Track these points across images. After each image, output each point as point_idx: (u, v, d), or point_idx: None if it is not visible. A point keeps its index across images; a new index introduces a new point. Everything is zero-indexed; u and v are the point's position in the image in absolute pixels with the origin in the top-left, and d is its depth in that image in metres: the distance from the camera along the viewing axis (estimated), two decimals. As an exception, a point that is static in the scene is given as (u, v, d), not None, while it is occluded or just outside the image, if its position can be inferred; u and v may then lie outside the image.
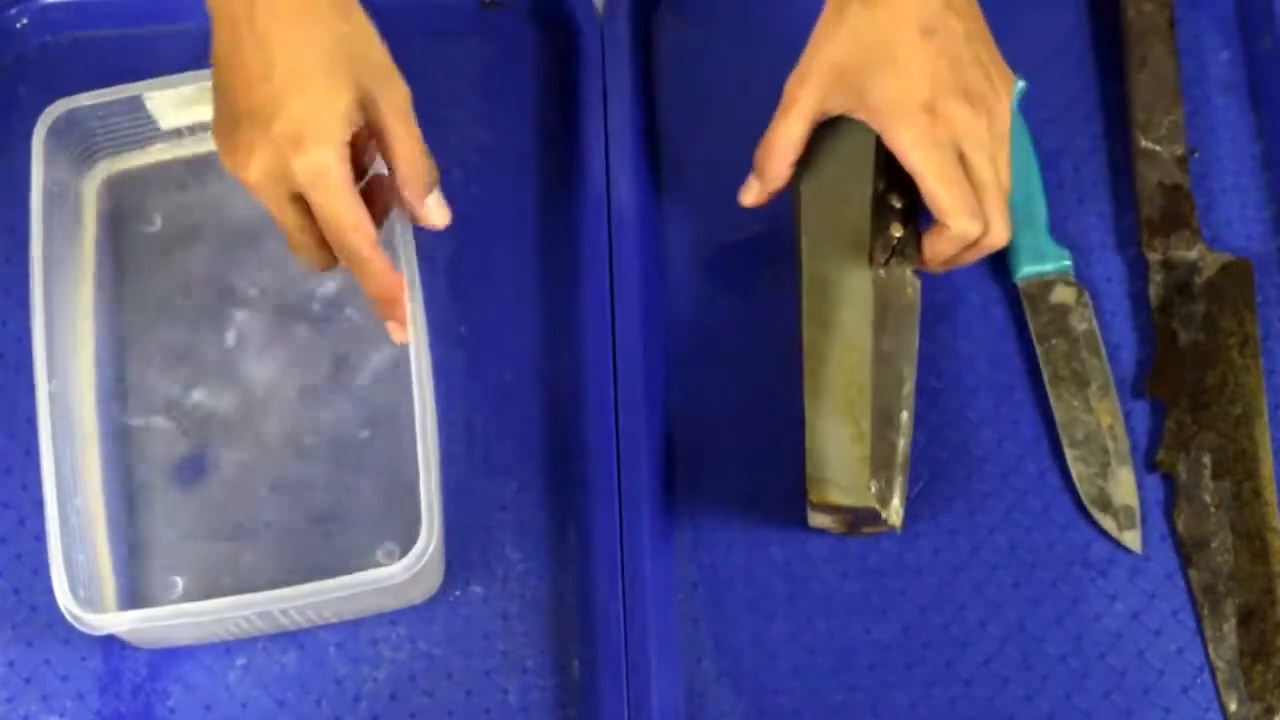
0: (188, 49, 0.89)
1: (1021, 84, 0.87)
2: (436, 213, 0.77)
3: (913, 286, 0.78)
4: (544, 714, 0.77)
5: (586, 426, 0.81)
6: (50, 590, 0.80)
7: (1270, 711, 0.76)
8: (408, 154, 0.74)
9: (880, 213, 0.77)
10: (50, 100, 0.86)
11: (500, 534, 0.81)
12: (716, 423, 0.83)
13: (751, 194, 0.79)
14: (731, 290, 0.86)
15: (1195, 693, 0.77)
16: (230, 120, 0.72)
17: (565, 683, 0.78)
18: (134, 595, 0.80)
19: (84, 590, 0.76)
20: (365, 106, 0.72)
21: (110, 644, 0.79)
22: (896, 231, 0.77)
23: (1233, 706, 0.76)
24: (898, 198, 0.77)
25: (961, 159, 0.74)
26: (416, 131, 0.74)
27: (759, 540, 0.80)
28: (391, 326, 0.78)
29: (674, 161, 0.89)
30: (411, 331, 0.77)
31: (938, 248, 0.76)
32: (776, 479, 0.80)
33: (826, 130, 0.77)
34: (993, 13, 0.88)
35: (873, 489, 0.74)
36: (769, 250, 0.83)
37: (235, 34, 0.71)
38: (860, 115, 0.75)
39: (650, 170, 0.88)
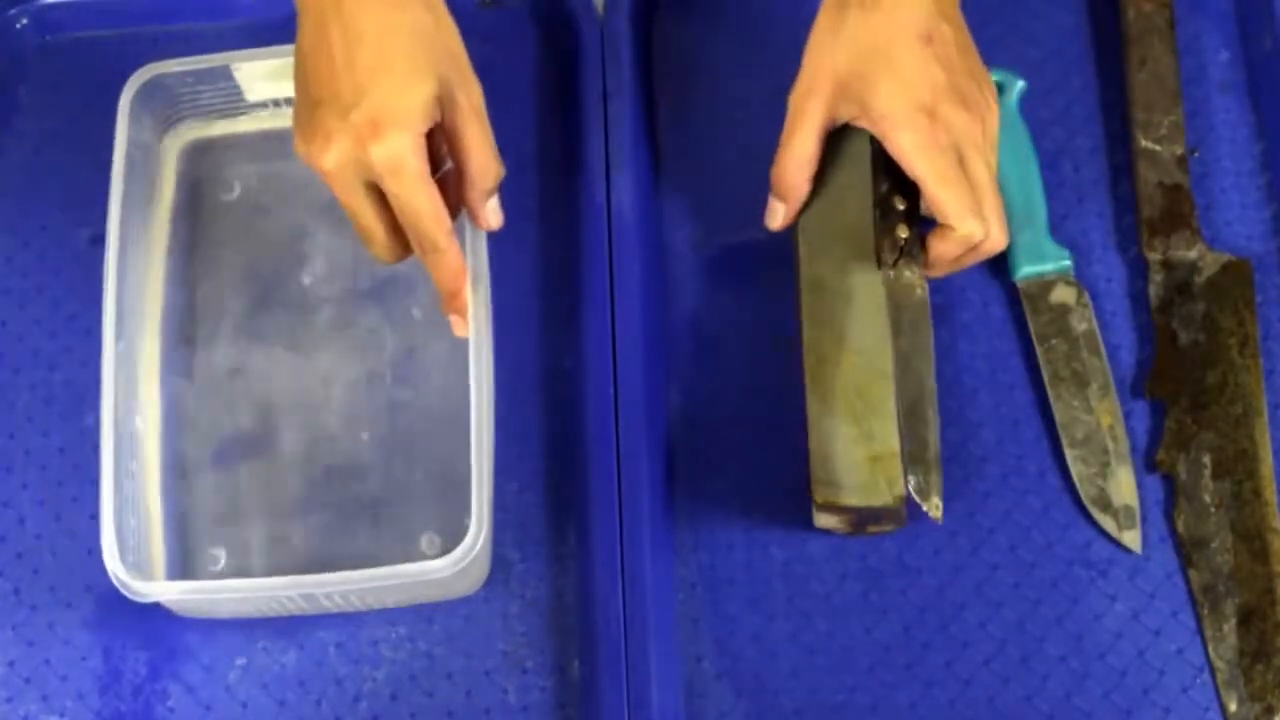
0: (188, 49, 0.88)
1: (1021, 84, 0.87)
2: (493, 215, 0.77)
3: (921, 286, 0.77)
4: (544, 714, 0.77)
5: (587, 427, 0.81)
6: (50, 589, 0.80)
7: (1270, 711, 0.76)
8: (479, 155, 0.74)
9: (884, 215, 0.77)
10: (50, 100, 0.86)
11: (500, 534, 0.80)
12: (716, 423, 0.83)
13: (779, 217, 0.79)
14: (731, 290, 0.86)
15: (1195, 693, 0.77)
16: (309, 107, 0.72)
17: (565, 683, 0.78)
18: (178, 565, 0.80)
19: (133, 556, 0.76)
20: (443, 101, 0.72)
21: (110, 644, 0.79)
22: (903, 233, 0.76)
23: (1233, 706, 0.76)
24: (900, 200, 0.77)
25: (960, 163, 0.74)
26: (489, 132, 0.74)
27: (759, 540, 0.80)
28: (454, 320, 0.78)
29: (674, 161, 0.89)
30: (473, 327, 0.77)
31: (942, 249, 0.76)
32: (776, 479, 0.80)
33: None
34: (993, 13, 0.88)
35: (911, 484, 0.73)
36: (769, 250, 0.83)
37: (321, 18, 0.71)
38: (862, 122, 0.75)
39: (650, 170, 0.88)
